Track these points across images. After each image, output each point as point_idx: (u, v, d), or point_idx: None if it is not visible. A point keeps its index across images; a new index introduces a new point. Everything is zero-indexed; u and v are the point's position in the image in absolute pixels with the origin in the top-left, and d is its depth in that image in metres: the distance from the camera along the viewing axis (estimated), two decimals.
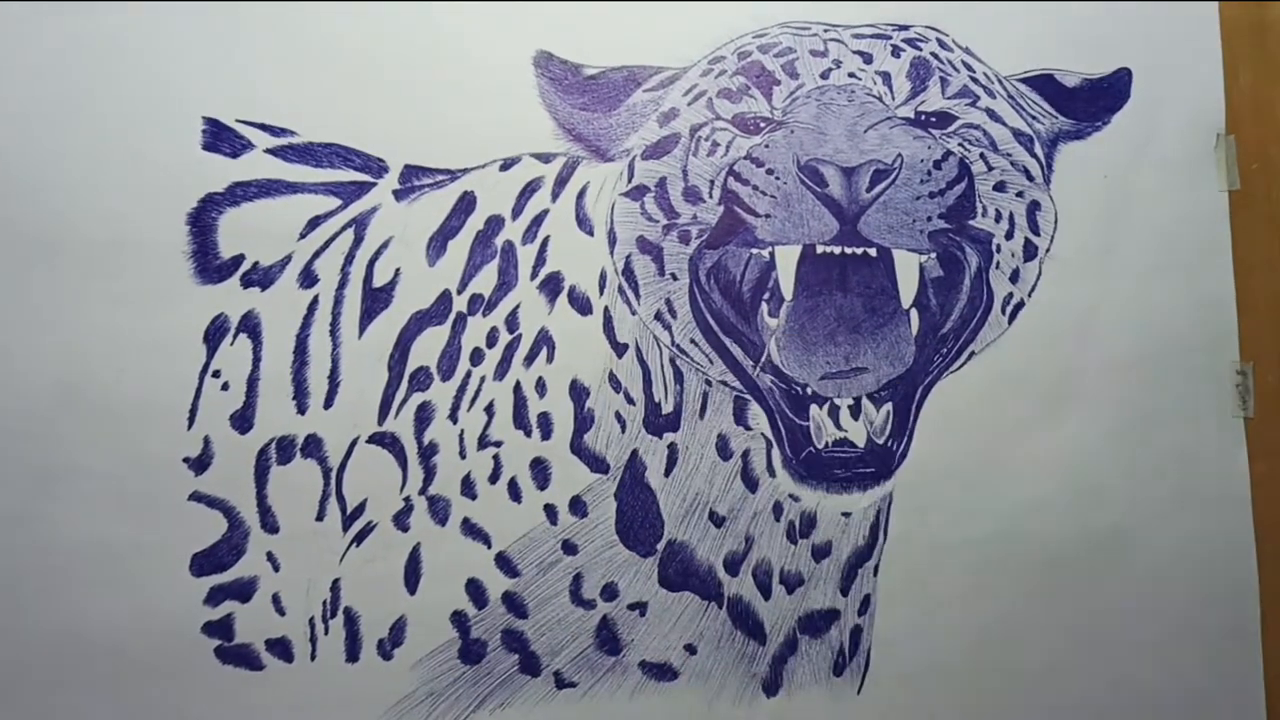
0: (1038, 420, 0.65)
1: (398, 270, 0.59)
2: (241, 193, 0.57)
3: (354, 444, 0.58)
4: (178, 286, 0.57)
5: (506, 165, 0.60)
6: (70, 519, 0.55)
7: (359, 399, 0.58)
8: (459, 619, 0.59)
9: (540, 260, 0.60)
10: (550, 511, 0.60)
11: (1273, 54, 0.67)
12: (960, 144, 0.63)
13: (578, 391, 0.60)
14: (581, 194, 0.61)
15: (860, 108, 0.62)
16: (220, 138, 0.57)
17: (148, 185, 0.56)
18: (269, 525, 0.57)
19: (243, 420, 0.57)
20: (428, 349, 0.59)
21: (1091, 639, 0.65)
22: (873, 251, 0.62)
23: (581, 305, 0.60)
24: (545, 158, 0.61)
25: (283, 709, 0.57)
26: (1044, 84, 0.65)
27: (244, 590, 0.57)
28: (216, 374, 0.57)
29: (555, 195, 0.61)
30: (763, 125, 0.62)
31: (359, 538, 0.58)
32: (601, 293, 0.61)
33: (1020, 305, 0.64)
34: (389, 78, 0.59)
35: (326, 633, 0.58)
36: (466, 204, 0.60)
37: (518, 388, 0.59)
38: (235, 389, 0.57)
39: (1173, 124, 0.66)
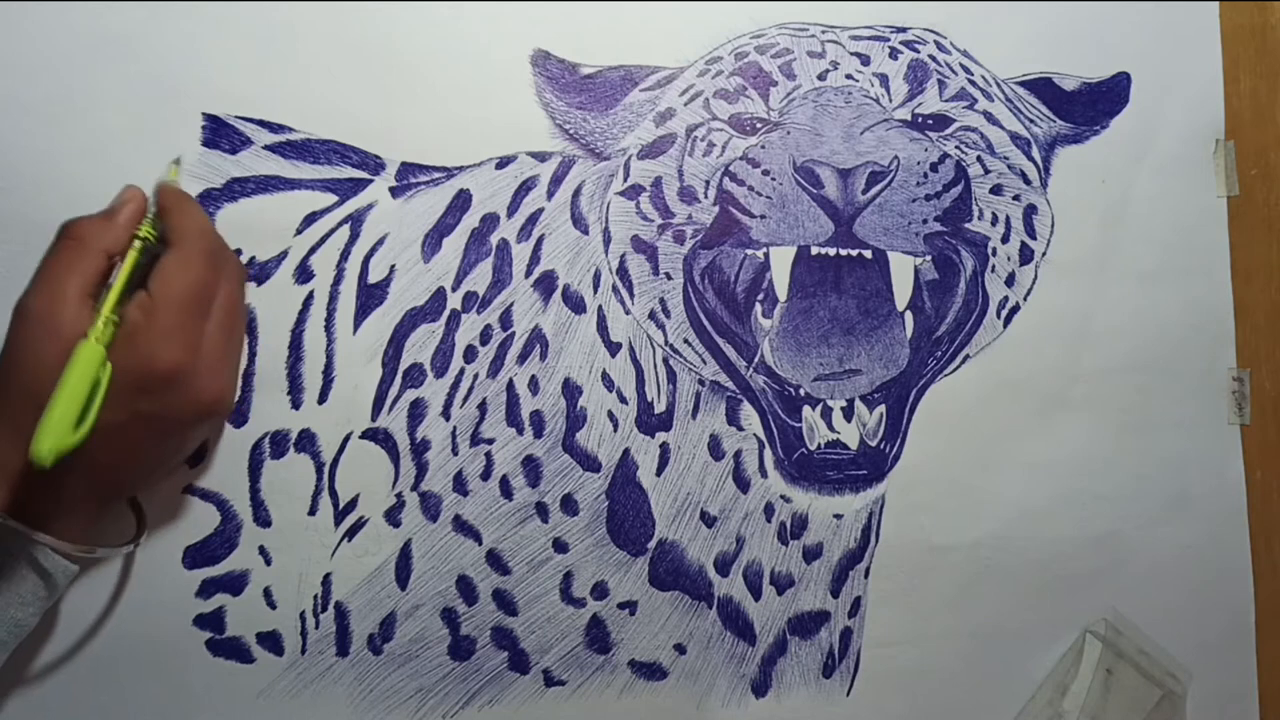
0: (1032, 424, 0.65)
1: (393, 267, 0.59)
2: (239, 188, 0.58)
3: (347, 439, 0.58)
4: None
5: (502, 163, 0.60)
6: None
7: (353, 395, 0.58)
8: (449, 615, 0.59)
9: (535, 258, 0.60)
10: (542, 509, 0.60)
11: (1273, 58, 0.67)
12: (957, 147, 0.63)
13: (570, 390, 0.60)
14: (577, 193, 0.61)
15: (857, 109, 0.62)
16: (219, 134, 0.58)
17: (147, 180, 0.56)
18: (261, 519, 0.57)
19: (237, 414, 0.57)
20: (421, 346, 0.59)
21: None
22: (868, 253, 0.62)
23: (575, 304, 0.61)
24: (541, 156, 0.61)
25: (272, 702, 0.57)
26: (1042, 87, 0.65)
27: (236, 583, 0.57)
28: None
29: (550, 194, 0.61)
30: (759, 126, 0.62)
31: (350, 533, 0.58)
32: (595, 291, 0.61)
33: (1016, 309, 0.64)
34: (387, 75, 0.59)
35: (317, 626, 0.58)
36: (462, 202, 0.60)
37: (510, 385, 0.60)
38: None
39: (1172, 129, 0.66)
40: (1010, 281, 0.64)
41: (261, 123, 0.58)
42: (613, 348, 0.61)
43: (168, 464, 0.54)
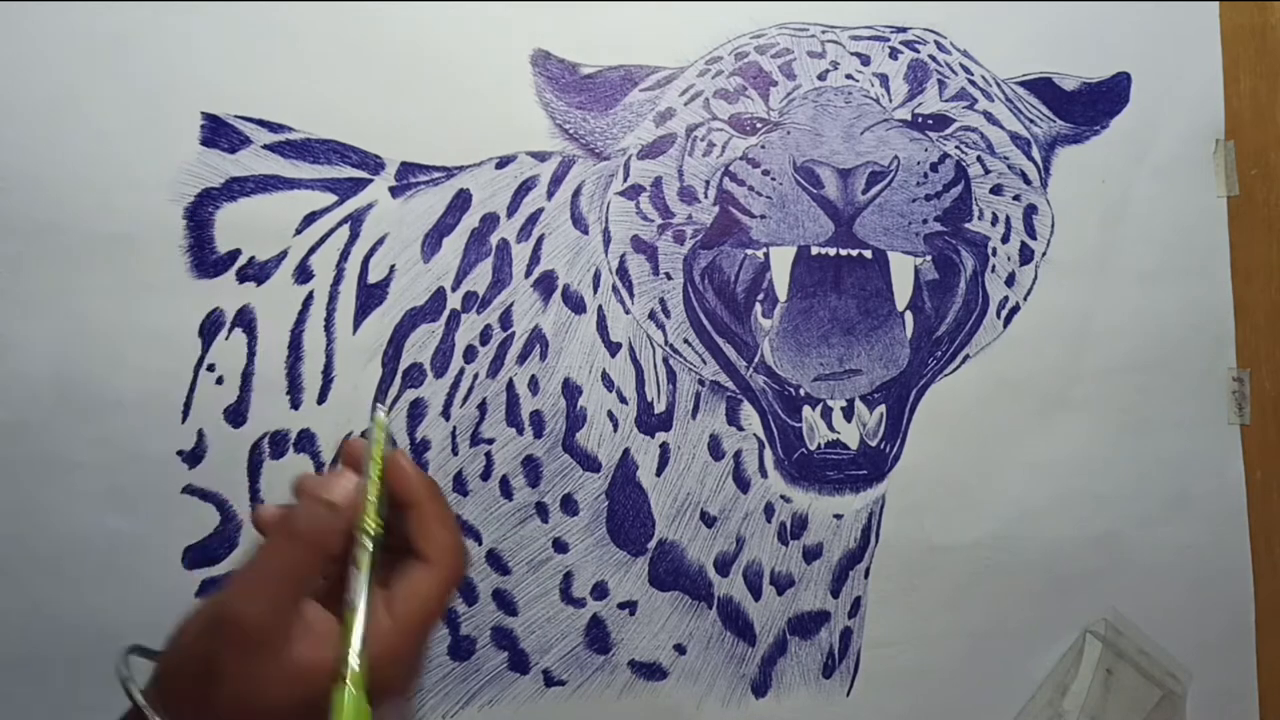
0: (1032, 424, 0.64)
1: (392, 267, 0.59)
2: (239, 188, 0.58)
3: (347, 439, 0.58)
4: (174, 281, 0.57)
5: (502, 163, 0.60)
6: (64, 511, 0.55)
7: (353, 394, 0.58)
8: (449, 615, 0.59)
9: (535, 258, 0.60)
10: (541, 509, 0.60)
11: (1273, 58, 0.67)
12: (957, 147, 0.63)
13: (570, 390, 0.60)
14: (577, 193, 0.61)
15: (857, 109, 0.62)
16: (218, 133, 0.57)
17: (146, 179, 0.56)
18: None
19: (236, 414, 0.57)
20: (421, 346, 0.59)
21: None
22: (868, 253, 0.62)
23: (575, 304, 0.61)
24: (541, 156, 0.61)
25: None
26: (1042, 87, 0.65)
27: None
28: (211, 368, 0.57)
29: (550, 194, 0.61)
30: (759, 126, 0.62)
31: None
32: (595, 291, 0.61)
33: (1016, 309, 0.64)
34: (387, 75, 0.59)
35: None
36: (462, 201, 0.60)
37: (510, 385, 0.60)
38: (230, 383, 0.57)
39: (1172, 129, 0.66)
40: (1010, 281, 0.64)
41: (261, 122, 0.58)
42: (613, 348, 0.61)
43: None
